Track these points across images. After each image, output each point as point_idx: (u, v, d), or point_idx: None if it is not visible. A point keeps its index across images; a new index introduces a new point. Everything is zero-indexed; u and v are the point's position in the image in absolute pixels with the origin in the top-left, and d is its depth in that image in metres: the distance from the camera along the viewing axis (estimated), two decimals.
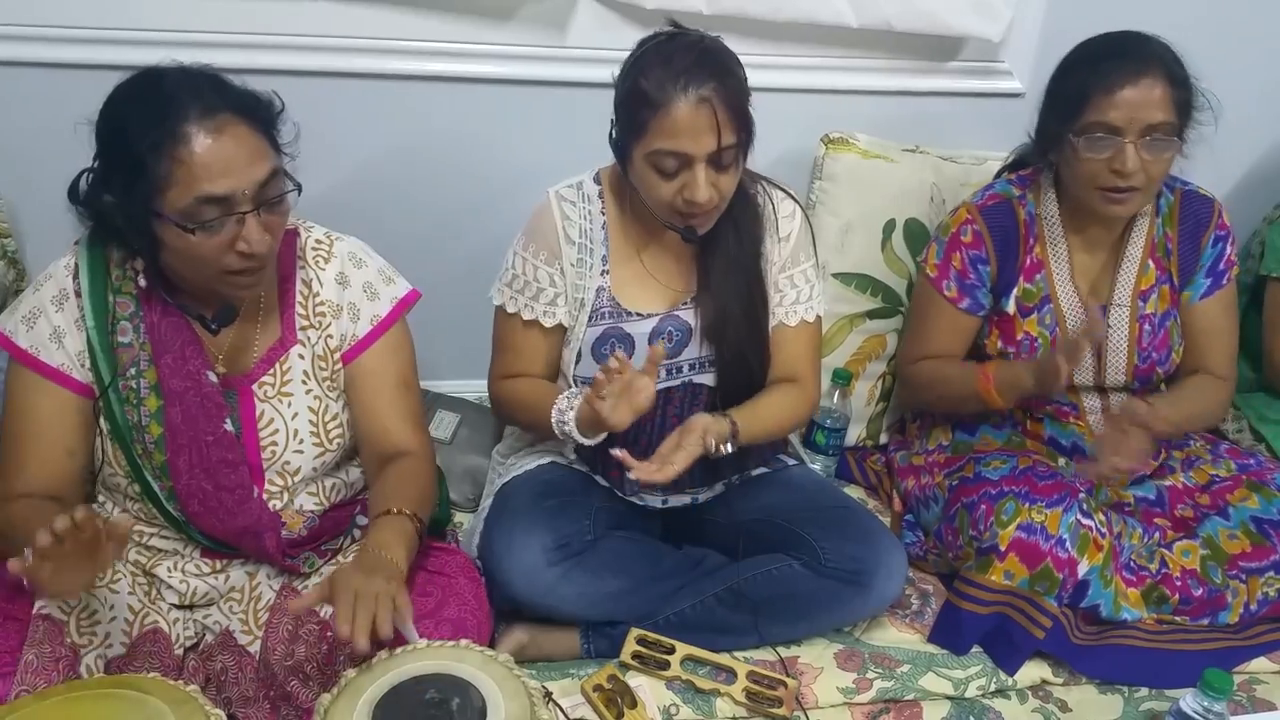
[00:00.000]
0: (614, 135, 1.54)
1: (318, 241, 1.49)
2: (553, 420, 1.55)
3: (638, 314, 1.65)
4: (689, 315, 1.66)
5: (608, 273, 1.64)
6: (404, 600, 1.25)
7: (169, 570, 1.44)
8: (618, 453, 1.50)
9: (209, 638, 1.45)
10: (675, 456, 1.52)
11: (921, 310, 1.92)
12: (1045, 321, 1.82)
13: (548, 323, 1.65)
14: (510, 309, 1.66)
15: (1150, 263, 1.83)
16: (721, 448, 1.57)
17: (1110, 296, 1.82)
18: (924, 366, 1.90)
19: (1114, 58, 1.65)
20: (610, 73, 1.53)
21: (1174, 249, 1.84)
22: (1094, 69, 1.66)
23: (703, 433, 1.55)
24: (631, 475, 1.51)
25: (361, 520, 1.56)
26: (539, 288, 1.63)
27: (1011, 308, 1.83)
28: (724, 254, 1.63)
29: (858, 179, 2.08)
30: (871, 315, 2.13)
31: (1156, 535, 1.78)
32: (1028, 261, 1.83)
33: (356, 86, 1.96)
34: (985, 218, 1.83)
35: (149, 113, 1.23)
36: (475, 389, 2.23)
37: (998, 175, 1.96)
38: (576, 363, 1.67)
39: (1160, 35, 1.70)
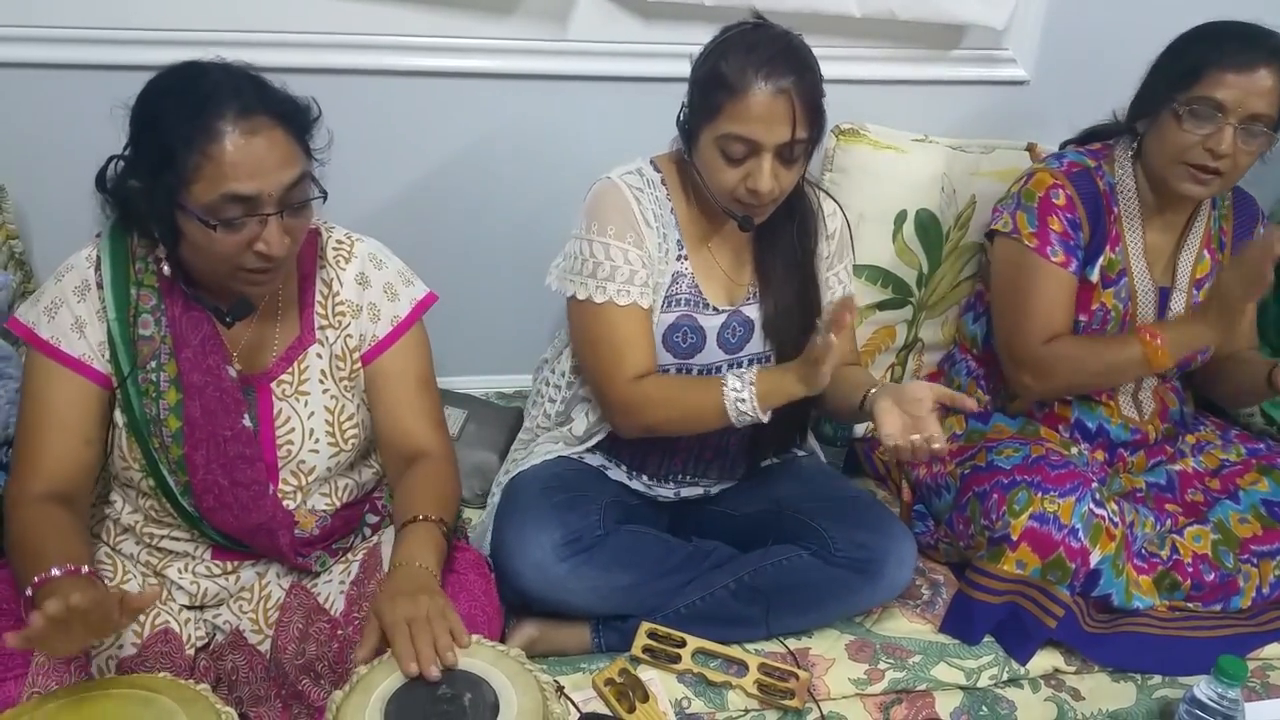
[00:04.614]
0: (683, 117, 1.54)
1: (338, 242, 1.49)
2: (728, 402, 1.49)
3: (714, 307, 1.64)
4: (752, 311, 1.66)
5: (685, 258, 1.63)
6: (454, 614, 1.23)
7: (179, 572, 1.44)
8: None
9: (219, 637, 1.45)
10: (929, 422, 1.44)
11: (1028, 285, 1.78)
12: (1120, 295, 1.80)
13: (645, 304, 1.59)
14: (599, 299, 1.56)
15: (1205, 253, 1.83)
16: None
17: (1174, 281, 1.82)
18: (1062, 345, 1.76)
19: (1239, 40, 1.65)
20: (615, 66, 1.52)
21: (1228, 243, 1.85)
22: (1217, 46, 1.66)
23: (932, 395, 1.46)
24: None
25: (371, 519, 1.56)
26: (631, 270, 1.57)
27: (1095, 276, 1.79)
28: (784, 250, 1.63)
29: (869, 170, 2.07)
30: (882, 306, 2.12)
31: (1168, 522, 1.78)
32: (1113, 231, 1.80)
33: (354, 83, 1.95)
34: (1073, 182, 1.79)
35: (186, 105, 1.23)
36: (482, 385, 2.23)
37: (1063, 148, 1.93)
38: None
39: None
